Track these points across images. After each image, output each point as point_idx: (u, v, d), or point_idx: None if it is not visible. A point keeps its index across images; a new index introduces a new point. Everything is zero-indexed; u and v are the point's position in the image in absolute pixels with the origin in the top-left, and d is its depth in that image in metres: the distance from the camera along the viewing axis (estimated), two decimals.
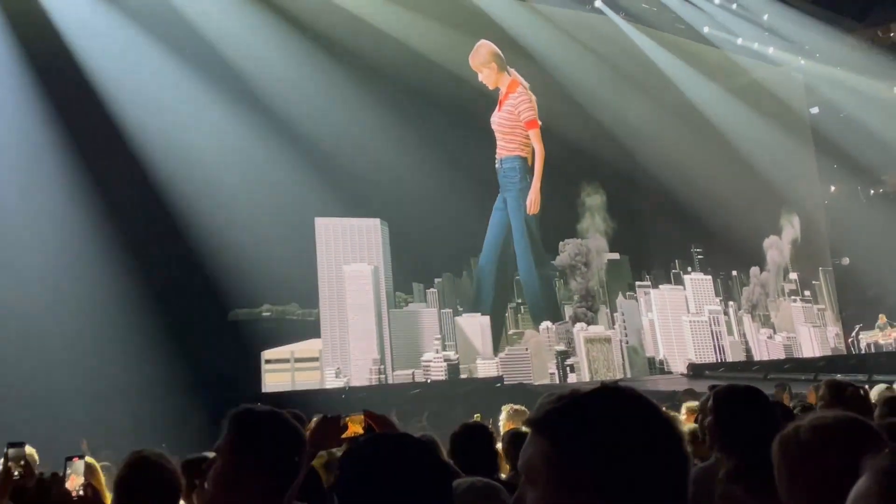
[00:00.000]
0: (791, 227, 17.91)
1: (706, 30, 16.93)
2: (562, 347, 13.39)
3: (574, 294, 14.12)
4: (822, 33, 16.81)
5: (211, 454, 2.13)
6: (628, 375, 13.76)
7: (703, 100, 16.23)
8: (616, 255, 14.81)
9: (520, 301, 13.59)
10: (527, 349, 13.12)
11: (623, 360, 14.08)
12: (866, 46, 17.68)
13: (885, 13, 17.90)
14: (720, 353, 15.22)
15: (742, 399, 2.60)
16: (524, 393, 11.48)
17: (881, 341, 17.87)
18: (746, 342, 15.93)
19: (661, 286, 15.03)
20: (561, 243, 14.18)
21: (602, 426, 1.09)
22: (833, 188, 19.89)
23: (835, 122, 18.23)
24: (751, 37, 17.34)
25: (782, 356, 16.35)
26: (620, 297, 14.64)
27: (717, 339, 15.17)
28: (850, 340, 18.08)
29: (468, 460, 3.29)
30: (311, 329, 11.57)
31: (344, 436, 2.56)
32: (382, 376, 11.80)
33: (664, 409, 1.28)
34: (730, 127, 16.31)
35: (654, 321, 14.71)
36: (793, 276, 17.64)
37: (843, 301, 18.31)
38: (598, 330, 13.95)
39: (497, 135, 13.38)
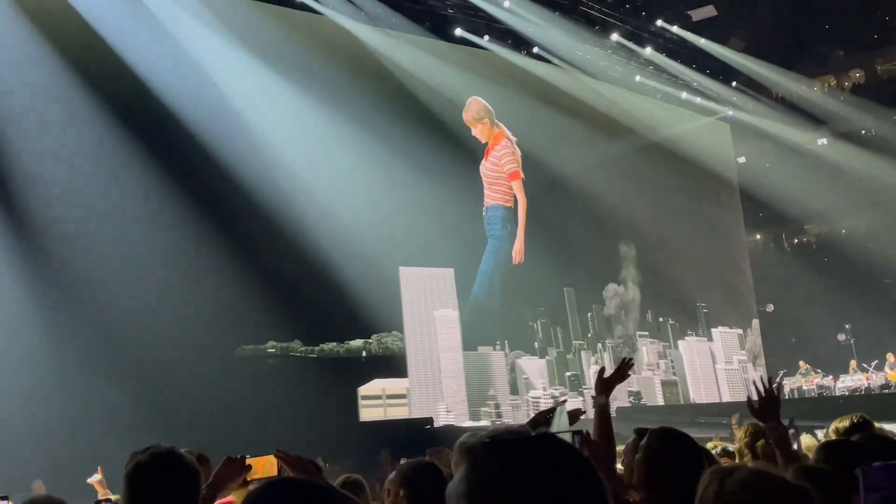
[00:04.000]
0: None
1: (637, 78, 17.28)
2: (634, 388, 14.32)
3: (617, 338, 14.91)
4: (749, 84, 17.36)
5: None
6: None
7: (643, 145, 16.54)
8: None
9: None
10: None
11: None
12: (793, 99, 18.36)
13: (812, 66, 18.66)
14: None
15: (673, 443, 2.56)
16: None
17: (804, 387, 18.15)
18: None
19: (687, 338, 15.87)
20: (603, 291, 14.76)
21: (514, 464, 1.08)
22: (759, 236, 20.41)
23: (761, 172, 18.79)
24: (680, 86, 17.78)
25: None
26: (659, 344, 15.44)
27: (747, 385, 16.59)
28: (774, 386, 18.30)
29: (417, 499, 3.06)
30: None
31: (251, 477, 2.53)
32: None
33: None
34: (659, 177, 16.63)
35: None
36: None
37: (768, 347, 18.65)
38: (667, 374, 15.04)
39: (484, 182, 13.86)
